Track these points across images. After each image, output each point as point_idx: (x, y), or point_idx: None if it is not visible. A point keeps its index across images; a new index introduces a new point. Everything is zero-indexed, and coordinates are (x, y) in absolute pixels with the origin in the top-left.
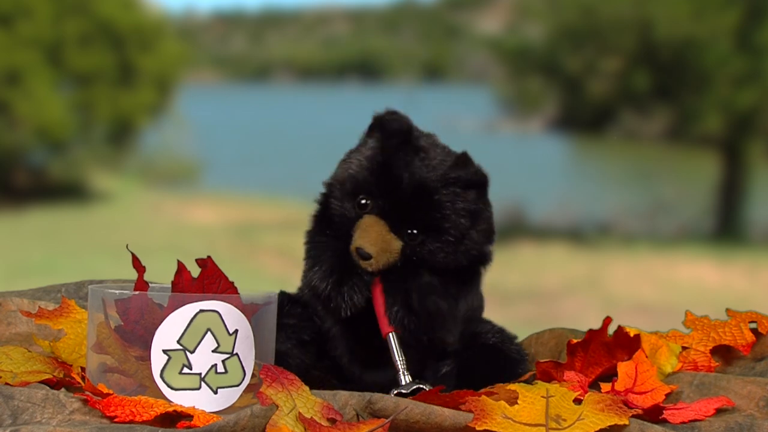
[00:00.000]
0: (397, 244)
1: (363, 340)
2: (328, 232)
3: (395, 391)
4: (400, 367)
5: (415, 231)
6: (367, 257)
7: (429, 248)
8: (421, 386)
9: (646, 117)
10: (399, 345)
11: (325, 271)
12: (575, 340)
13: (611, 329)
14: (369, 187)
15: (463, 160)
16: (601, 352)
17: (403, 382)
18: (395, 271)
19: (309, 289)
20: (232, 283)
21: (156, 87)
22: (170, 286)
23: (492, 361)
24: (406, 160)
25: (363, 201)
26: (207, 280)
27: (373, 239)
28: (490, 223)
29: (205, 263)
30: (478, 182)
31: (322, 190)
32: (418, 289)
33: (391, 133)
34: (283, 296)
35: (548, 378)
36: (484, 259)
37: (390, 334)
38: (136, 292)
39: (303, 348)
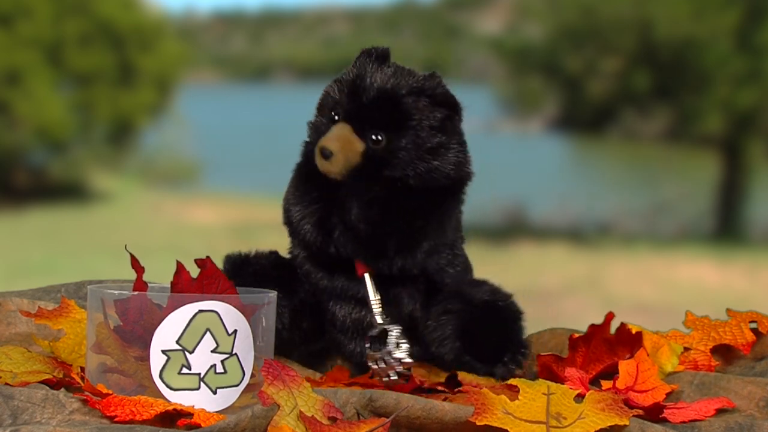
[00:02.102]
0: (359, 145)
1: (348, 290)
2: (310, 181)
3: (369, 335)
4: (373, 307)
5: (378, 136)
6: (328, 154)
7: (390, 150)
8: (389, 329)
9: (646, 117)
10: (374, 285)
11: (315, 223)
12: (577, 335)
13: (612, 327)
14: (341, 101)
15: (434, 76)
16: (603, 349)
17: (377, 323)
18: (354, 184)
19: (301, 245)
20: (232, 283)
21: (156, 87)
22: (169, 286)
23: (491, 319)
24: (375, 72)
25: (334, 115)
26: (206, 280)
27: (335, 136)
28: (464, 156)
29: (204, 264)
30: (448, 102)
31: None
32: (364, 202)
33: (368, 53)
34: (264, 257)
35: (549, 372)
36: (457, 184)
37: (366, 274)
38: (135, 293)
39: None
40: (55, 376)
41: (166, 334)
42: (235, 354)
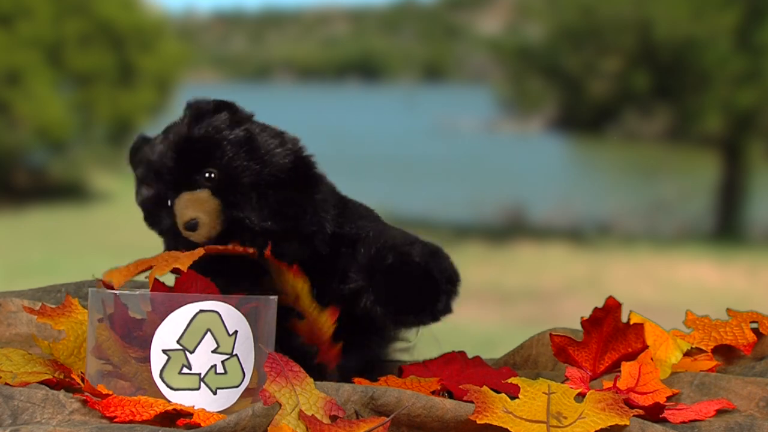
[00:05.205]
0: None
1: None
2: None
3: None
4: None
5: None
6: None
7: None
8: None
9: (647, 117)
10: None
11: None
12: (584, 318)
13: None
14: None
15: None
16: (618, 337)
17: None
18: None
19: None
20: (209, 280)
21: (156, 87)
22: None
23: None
24: None
25: None
26: (184, 285)
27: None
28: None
29: (179, 270)
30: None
31: None
32: None
33: None
34: None
35: (564, 355)
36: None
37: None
38: (138, 292)
39: None
40: (56, 377)
41: (167, 334)
42: (236, 355)
